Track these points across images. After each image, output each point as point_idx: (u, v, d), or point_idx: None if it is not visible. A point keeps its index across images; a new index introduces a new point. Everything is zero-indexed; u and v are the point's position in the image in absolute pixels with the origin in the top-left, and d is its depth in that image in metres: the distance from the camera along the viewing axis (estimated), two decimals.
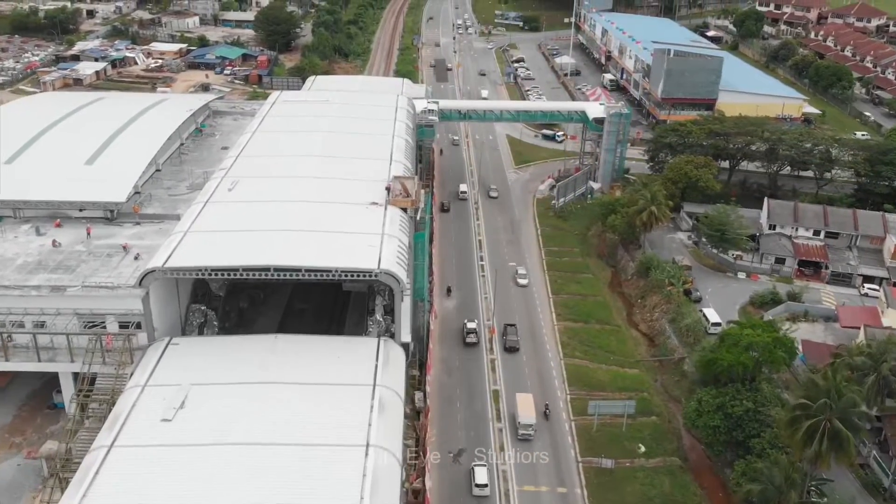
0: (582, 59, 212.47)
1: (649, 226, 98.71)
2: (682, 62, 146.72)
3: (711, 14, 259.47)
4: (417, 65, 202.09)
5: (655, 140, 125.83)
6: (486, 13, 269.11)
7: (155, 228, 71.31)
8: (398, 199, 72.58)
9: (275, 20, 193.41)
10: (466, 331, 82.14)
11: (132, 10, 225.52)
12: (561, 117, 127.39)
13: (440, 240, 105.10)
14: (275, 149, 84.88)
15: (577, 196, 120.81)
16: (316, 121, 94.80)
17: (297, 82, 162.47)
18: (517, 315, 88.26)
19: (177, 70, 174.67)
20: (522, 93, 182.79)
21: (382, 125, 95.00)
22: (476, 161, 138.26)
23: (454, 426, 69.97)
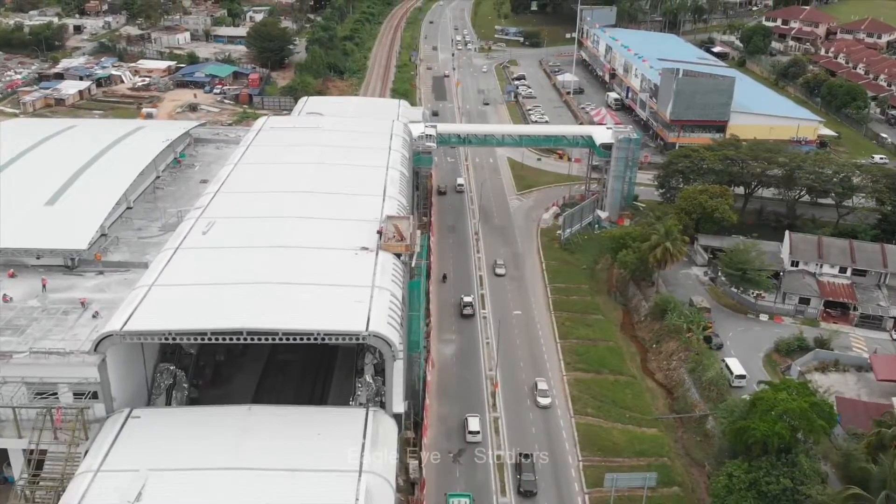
0: (585, 77, 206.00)
1: (664, 263, 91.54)
2: (692, 83, 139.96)
3: (716, 29, 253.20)
4: (415, 83, 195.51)
5: (666, 165, 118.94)
6: (486, 28, 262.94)
7: (119, 278, 64.00)
8: (391, 243, 65.36)
9: (267, 37, 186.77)
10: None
11: (121, 26, 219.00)
12: (566, 142, 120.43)
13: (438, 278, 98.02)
14: (257, 184, 77.72)
15: (583, 226, 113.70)
16: (303, 151, 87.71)
17: (289, 102, 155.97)
18: (521, 361, 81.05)
19: (164, 89, 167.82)
20: (523, 112, 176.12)
21: (376, 155, 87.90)
22: (476, 186, 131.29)
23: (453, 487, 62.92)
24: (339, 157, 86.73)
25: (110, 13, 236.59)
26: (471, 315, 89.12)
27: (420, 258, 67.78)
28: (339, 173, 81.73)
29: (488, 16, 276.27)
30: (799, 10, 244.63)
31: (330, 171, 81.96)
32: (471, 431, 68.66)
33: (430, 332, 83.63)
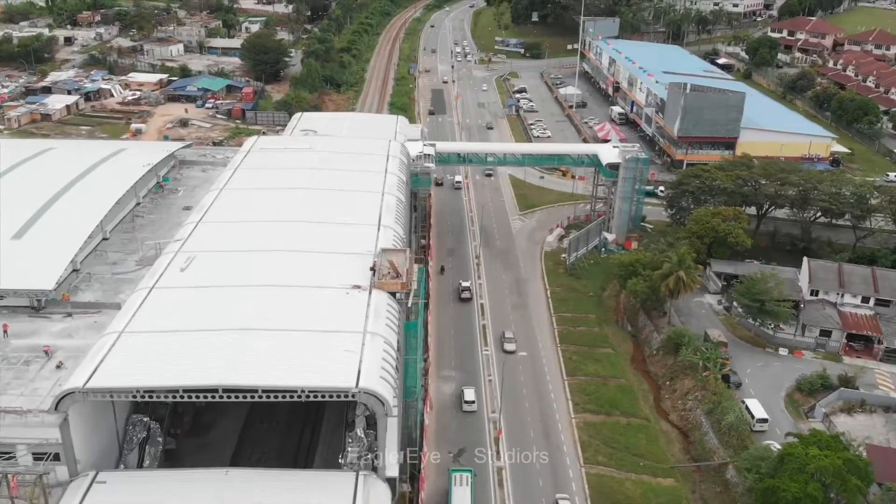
0: (587, 89, 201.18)
1: (676, 293, 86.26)
2: (700, 98, 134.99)
3: (720, 40, 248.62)
4: (414, 96, 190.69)
5: (676, 185, 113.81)
6: (486, 39, 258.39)
7: (89, 322, 58.70)
8: (386, 280, 60.10)
9: (262, 49, 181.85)
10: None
11: (113, 37, 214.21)
12: (570, 161, 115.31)
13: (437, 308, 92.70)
14: (242, 212, 72.52)
15: (589, 249, 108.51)
16: (294, 175, 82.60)
17: (283, 117, 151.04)
18: (527, 402, 75.67)
19: (155, 103, 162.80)
20: (525, 127, 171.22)
21: (371, 179, 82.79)
22: (477, 206, 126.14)
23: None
24: (331, 181, 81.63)
25: (103, 24, 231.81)
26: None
27: (417, 296, 62.44)
28: (331, 200, 76.58)
29: (488, 27, 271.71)
30: (805, 20, 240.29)
31: (321, 198, 76.81)
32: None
33: (429, 369, 78.43)
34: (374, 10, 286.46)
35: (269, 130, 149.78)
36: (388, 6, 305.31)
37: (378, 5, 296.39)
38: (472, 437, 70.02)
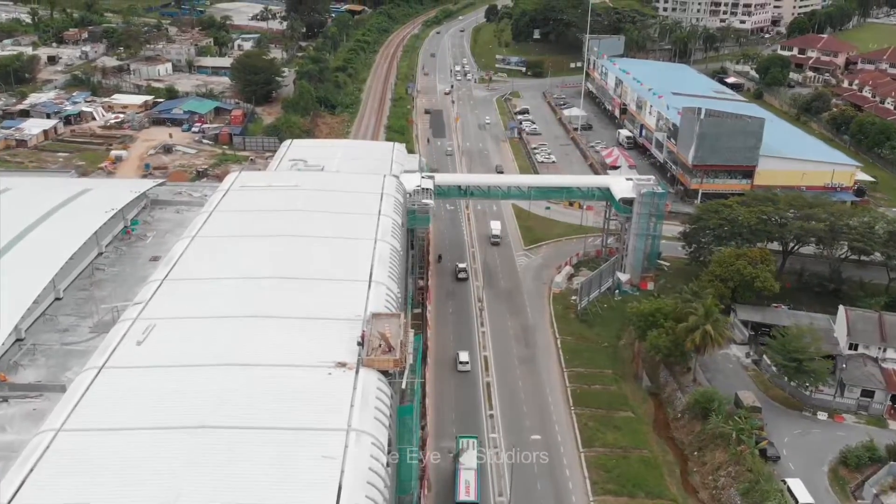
0: (592, 110, 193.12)
1: (703, 349, 77.55)
2: (717, 124, 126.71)
3: (728, 58, 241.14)
4: (412, 118, 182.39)
5: (694, 220, 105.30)
6: (486, 57, 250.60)
7: (28, 408, 49.81)
8: (376, 357, 51.29)
9: (252, 69, 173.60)
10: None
11: (99, 56, 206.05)
12: (579, 194, 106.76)
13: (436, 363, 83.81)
14: (214, 267, 63.78)
15: (602, 292, 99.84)
16: (276, 219, 73.88)
17: (272, 143, 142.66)
18: (538, 482, 66.68)
19: (139, 127, 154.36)
20: (528, 151, 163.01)
21: (363, 223, 74.06)
22: (479, 239, 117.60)
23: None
24: (317, 226, 72.90)
25: (90, 42, 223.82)
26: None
27: (413, 373, 53.54)
28: (317, 250, 67.84)
29: (489, 44, 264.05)
30: (816, 38, 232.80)
31: (305, 248, 68.07)
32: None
33: (427, 440, 69.47)
34: (372, 27, 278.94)
35: (257, 157, 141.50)
36: (386, 23, 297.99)
37: (375, 22, 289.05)
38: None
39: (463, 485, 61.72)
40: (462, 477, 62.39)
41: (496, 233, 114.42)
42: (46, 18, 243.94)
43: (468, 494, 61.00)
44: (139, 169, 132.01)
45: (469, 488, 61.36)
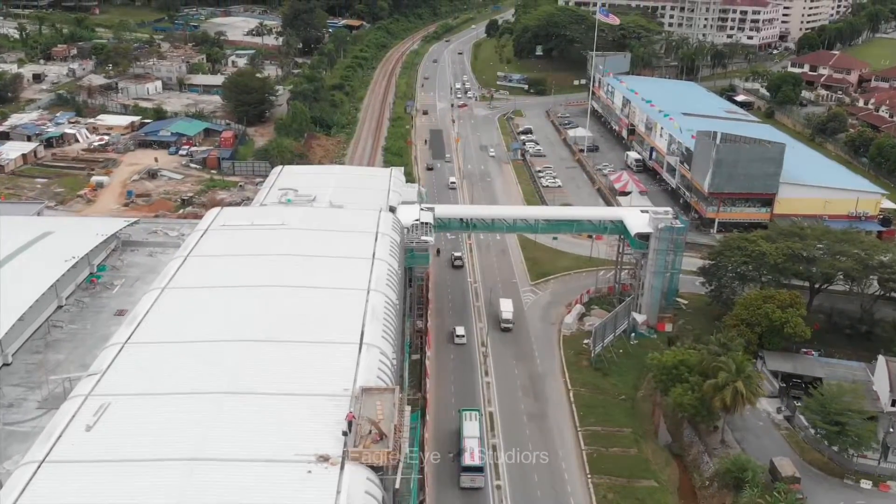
0: (598, 130, 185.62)
1: (733, 409, 69.70)
2: (734, 150, 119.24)
3: (736, 75, 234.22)
4: (410, 139, 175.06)
5: (715, 255, 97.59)
6: (487, 74, 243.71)
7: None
8: (366, 448, 43.37)
9: (244, 88, 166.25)
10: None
11: (86, 73, 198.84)
12: (590, 227, 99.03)
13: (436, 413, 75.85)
14: (185, 325, 55.98)
15: (617, 336, 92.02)
16: (258, 266, 66.12)
17: (263, 168, 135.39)
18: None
19: (124, 150, 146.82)
20: (532, 173, 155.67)
21: (354, 270, 66.28)
22: (481, 273, 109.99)
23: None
24: (303, 273, 65.07)
25: (79, 58, 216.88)
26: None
27: (410, 466, 45.58)
28: (302, 303, 60.01)
29: (489, 61, 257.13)
30: (828, 55, 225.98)
31: (288, 301, 60.21)
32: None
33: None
34: (370, 43, 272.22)
35: (247, 182, 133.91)
36: (385, 38, 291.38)
37: (373, 38, 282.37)
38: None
39: (468, 452, 67.73)
40: (467, 445, 68.25)
41: (507, 317, 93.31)
42: (35, 34, 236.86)
43: (473, 460, 67.28)
44: (121, 196, 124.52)
45: (474, 454, 67.62)
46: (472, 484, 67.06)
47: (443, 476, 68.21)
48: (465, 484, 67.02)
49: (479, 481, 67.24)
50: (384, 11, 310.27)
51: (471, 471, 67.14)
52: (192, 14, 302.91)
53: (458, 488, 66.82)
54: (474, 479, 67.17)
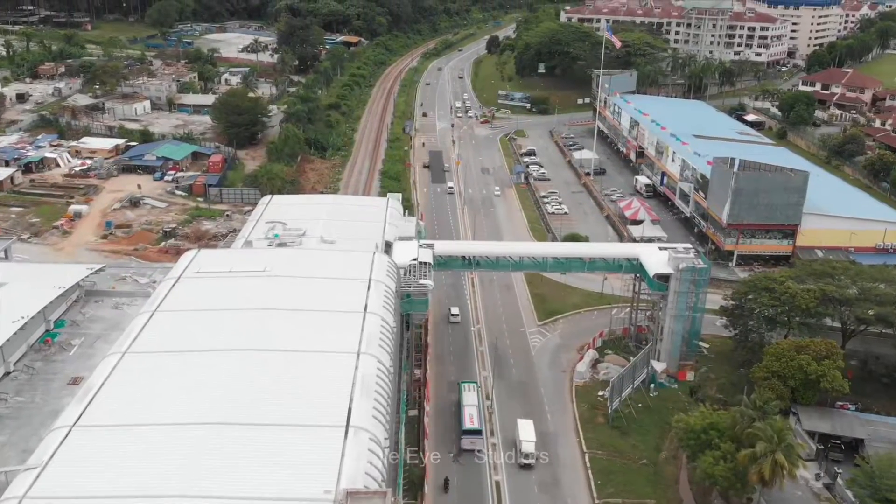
0: (604, 152, 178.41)
1: (772, 482, 61.59)
2: (755, 179, 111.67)
3: (745, 93, 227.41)
4: (409, 161, 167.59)
5: (739, 296, 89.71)
6: (489, 92, 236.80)
7: None
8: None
9: (235, 109, 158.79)
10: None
11: (73, 93, 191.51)
12: (604, 266, 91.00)
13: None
14: (142, 404, 47.96)
15: (635, 388, 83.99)
16: (233, 324, 58.16)
17: (252, 195, 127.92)
18: None
19: (106, 175, 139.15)
20: (536, 199, 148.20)
21: (344, 328, 58.24)
22: (484, 312, 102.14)
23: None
24: (285, 334, 57.01)
25: (67, 76, 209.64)
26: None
27: None
28: (282, 373, 51.96)
29: (491, 79, 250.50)
30: (840, 73, 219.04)
31: (267, 369, 52.15)
32: None
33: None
34: (368, 60, 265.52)
35: (235, 210, 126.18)
36: (383, 55, 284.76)
37: (372, 54, 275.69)
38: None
39: (468, 417, 74.55)
40: (466, 413, 75.00)
41: (528, 449, 71.96)
42: (22, 51, 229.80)
43: (472, 423, 73.93)
44: (100, 227, 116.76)
45: (473, 419, 74.43)
46: (471, 446, 72.64)
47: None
48: (466, 446, 72.63)
49: (478, 444, 72.90)
50: (383, 27, 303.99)
51: (470, 434, 73.13)
52: (186, 30, 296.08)
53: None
54: (474, 441, 72.95)
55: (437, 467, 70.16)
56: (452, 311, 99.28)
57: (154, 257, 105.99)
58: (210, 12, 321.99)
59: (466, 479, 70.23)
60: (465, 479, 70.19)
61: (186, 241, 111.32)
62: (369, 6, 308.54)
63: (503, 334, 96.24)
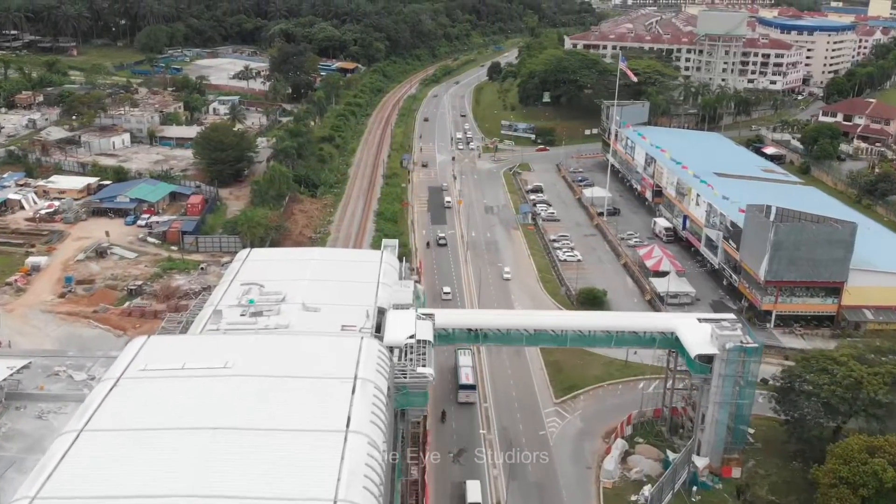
0: (615, 187, 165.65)
1: None
2: (796, 232, 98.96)
3: (762, 123, 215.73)
4: (407, 200, 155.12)
5: (789, 378, 76.66)
6: (491, 122, 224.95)
7: None
8: None
9: (218, 145, 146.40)
10: None
11: (48, 125, 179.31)
12: (634, 341, 77.92)
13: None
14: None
15: (676, 490, 70.72)
16: (176, 452, 45.09)
17: (232, 243, 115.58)
18: None
19: (74, 219, 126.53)
20: (546, 242, 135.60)
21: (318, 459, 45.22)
22: (492, 387, 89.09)
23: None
24: (239, 471, 43.89)
25: (46, 106, 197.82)
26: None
27: None
28: None
29: (493, 107, 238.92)
30: (863, 103, 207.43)
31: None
32: None
33: None
34: (365, 87, 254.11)
35: (212, 261, 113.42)
36: (381, 82, 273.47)
37: (369, 81, 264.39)
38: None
39: (463, 375, 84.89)
40: (462, 372, 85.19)
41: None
42: (1, 79, 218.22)
43: (468, 380, 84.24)
44: (59, 283, 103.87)
45: (468, 376, 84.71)
46: (467, 399, 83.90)
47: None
48: (462, 399, 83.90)
49: (472, 397, 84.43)
50: (380, 53, 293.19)
51: (466, 388, 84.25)
52: (176, 56, 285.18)
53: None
54: (469, 395, 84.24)
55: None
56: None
57: (115, 322, 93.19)
58: (202, 37, 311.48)
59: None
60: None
61: (153, 301, 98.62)
62: (367, 31, 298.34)
63: (515, 416, 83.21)
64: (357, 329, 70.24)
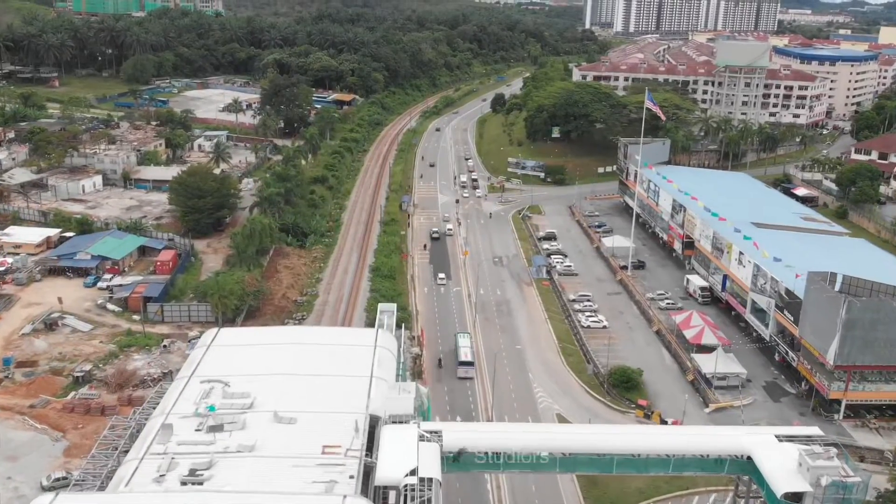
0: (637, 235, 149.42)
1: None
2: (874, 309, 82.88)
3: (788, 160, 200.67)
4: (406, 253, 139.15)
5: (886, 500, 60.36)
6: (497, 159, 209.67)
7: None
8: None
9: (196, 192, 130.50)
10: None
11: (16, 164, 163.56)
12: (697, 466, 61.45)
13: None
14: None
15: None
16: None
17: (204, 311, 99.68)
18: None
19: (27, 280, 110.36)
20: (564, 302, 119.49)
21: None
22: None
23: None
24: None
25: (16, 142, 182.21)
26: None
27: None
28: None
29: (498, 143, 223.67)
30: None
31: None
32: None
33: None
34: (362, 120, 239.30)
35: (178, 335, 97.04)
36: (379, 114, 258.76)
37: (367, 114, 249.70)
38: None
39: (462, 352, 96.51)
40: (462, 351, 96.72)
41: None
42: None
43: (467, 357, 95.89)
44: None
45: (467, 353, 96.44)
46: (465, 374, 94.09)
47: None
48: (461, 374, 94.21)
49: (470, 372, 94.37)
50: (379, 84, 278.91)
51: (465, 364, 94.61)
52: (163, 87, 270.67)
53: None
54: (467, 371, 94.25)
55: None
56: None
57: (53, 420, 76.68)
58: (192, 67, 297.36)
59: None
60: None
61: (103, 391, 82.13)
62: (365, 61, 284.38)
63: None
64: (342, 451, 55.51)
